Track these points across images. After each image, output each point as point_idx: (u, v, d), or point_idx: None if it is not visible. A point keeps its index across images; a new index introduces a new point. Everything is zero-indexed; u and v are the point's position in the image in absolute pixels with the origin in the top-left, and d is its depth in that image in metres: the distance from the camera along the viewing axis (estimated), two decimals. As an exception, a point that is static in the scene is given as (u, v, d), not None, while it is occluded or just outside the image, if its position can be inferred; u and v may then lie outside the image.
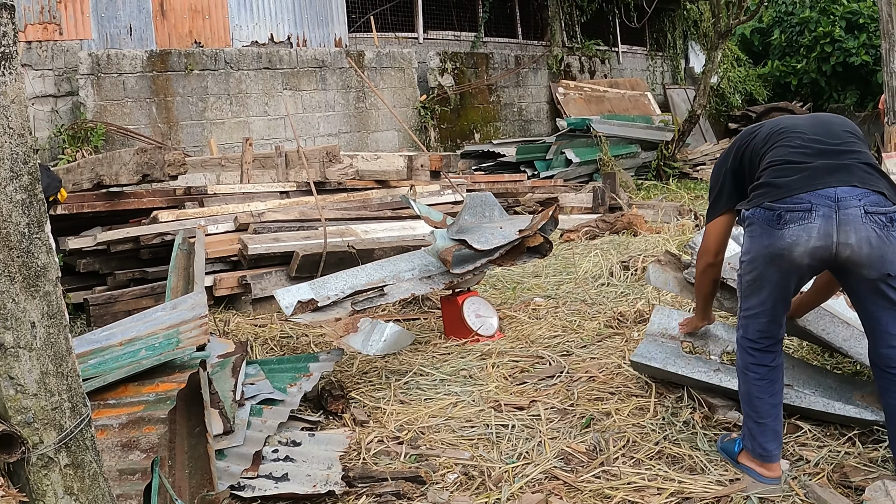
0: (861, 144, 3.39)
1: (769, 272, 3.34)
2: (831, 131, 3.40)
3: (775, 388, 3.51)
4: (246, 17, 12.71)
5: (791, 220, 3.20)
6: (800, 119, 3.57)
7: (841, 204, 3.14)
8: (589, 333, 5.64)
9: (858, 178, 3.20)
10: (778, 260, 3.28)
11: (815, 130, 3.41)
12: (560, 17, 18.60)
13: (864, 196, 3.15)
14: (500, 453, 3.90)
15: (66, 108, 10.70)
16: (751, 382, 3.51)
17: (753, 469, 3.50)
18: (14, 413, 2.22)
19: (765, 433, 3.48)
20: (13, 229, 2.15)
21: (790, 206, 3.21)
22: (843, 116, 3.62)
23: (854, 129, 3.46)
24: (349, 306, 5.10)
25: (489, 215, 6.07)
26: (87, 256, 7.22)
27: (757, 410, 3.50)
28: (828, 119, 3.53)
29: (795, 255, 3.22)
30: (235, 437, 3.78)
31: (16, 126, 2.13)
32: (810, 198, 3.18)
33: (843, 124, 3.48)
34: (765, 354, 3.48)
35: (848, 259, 3.19)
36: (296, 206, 8.21)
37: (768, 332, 3.48)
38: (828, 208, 3.15)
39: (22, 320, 2.19)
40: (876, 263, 3.17)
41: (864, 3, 21.73)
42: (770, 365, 3.48)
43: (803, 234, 3.18)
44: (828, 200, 3.16)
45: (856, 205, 3.14)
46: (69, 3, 10.81)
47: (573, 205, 11.41)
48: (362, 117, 13.85)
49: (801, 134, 3.41)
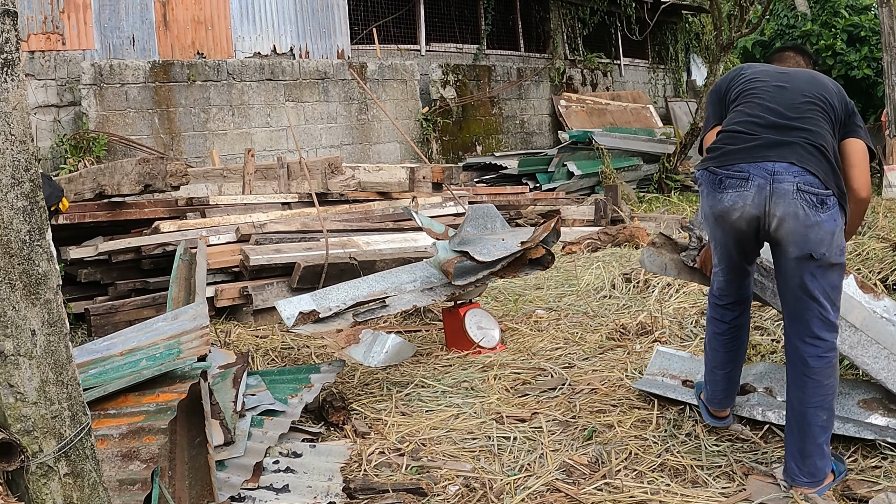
0: (817, 118, 3.47)
1: (716, 232, 3.59)
2: (792, 103, 3.51)
3: (733, 345, 3.80)
4: (248, 28, 12.73)
5: (729, 186, 3.40)
6: (774, 80, 3.65)
7: (776, 178, 3.32)
8: (591, 346, 5.63)
9: (797, 156, 3.35)
10: (720, 221, 3.50)
11: (776, 99, 3.54)
12: (562, 29, 18.64)
13: (800, 174, 3.31)
14: (501, 465, 3.88)
15: (68, 118, 10.71)
16: (711, 334, 3.83)
17: (706, 408, 3.99)
18: (14, 421, 2.20)
19: (716, 382, 3.88)
20: (14, 236, 2.15)
21: (731, 172, 3.41)
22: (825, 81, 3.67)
23: (818, 94, 3.54)
24: (351, 317, 5.09)
25: (491, 227, 6.06)
26: (88, 266, 7.21)
27: (712, 360, 3.85)
28: (800, 86, 3.59)
29: (734, 217, 3.42)
30: (236, 447, 3.76)
31: (17, 133, 2.12)
32: (749, 168, 3.37)
33: (810, 90, 3.56)
34: (725, 311, 3.76)
35: (777, 232, 3.36)
36: (298, 218, 8.20)
37: (727, 290, 3.72)
38: (763, 180, 3.33)
39: (22, 328, 2.18)
40: (800, 241, 3.31)
41: (866, 16, 21.77)
42: (729, 323, 3.76)
43: (739, 200, 3.37)
44: (765, 172, 3.34)
45: (790, 180, 3.30)
46: (72, 14, 10.83)
47: (575, 217, 11.40)
48: (364, 129, 13.86)
49: (762, 101, 3.55)
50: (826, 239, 3.31)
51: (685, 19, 23.15)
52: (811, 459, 3.40)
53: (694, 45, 23.65)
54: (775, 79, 3.65)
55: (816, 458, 3.40)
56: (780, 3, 22.99)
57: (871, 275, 5.67)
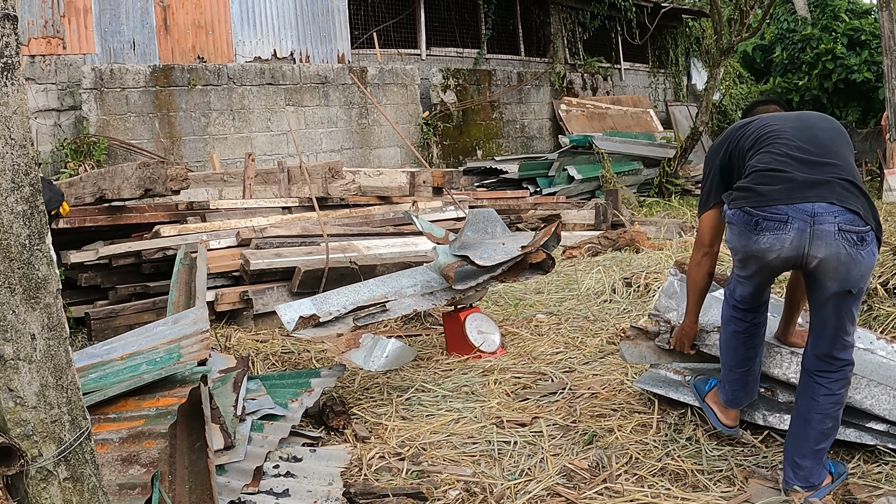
0: (844, 151, 3.49)
1: (749, 263, 3.50)
2: (816, 139, 3.49)
3: (753, 342, 3.71)
4: (249, 32, 12.74)
5: (767, 229, 3.33)
6: (788, 122, 3.63)
7: (817, 219, 3.24)
8: (591, 350, 5.62)
9: (837, 195, 3.28)
10: (754, 259, 3.45)
11: (800, 136, 3.50)
12: (562, 34, 18.65)
13: (840, 214, 3.24)
14: (502, 470, 3.88)
15: (68, 122, 10.72)
16: (730, 332, 3.73)
17: (714, 412, 3.82)
18: (13, 425, 2.20)
19: (734, 381, 3.76)
20: (14, 240, 2.14)
21: (768, 214, 3.33)
22: (828, 116, 3.72)
23: (839, 133, 3.57)
24: (351, 322, 5.08)
25: (491, 231, 6.06)
26: (88, 270, 7.21)
27: (732, 359, 3.74)
28: (814, 122, 3.62)
29: (769, 258, 3.38)
30: (236, 452, 3.76)
31: (17, 137, 2.12)
32: (788, 210, 3.29)
33: (829, 129, 3.58)
34: (747, 313, 3.68)
35: (816, 269, 3.31)
36: (298, 222, 8.20)
37: (751, 299, 3.64)
38: (803, 222, 3.26)
39: (22, 332, 2.18)
40: (840, 278, 3.28)
41: (866, 20, 21.81)
42: (751, 322, 3.68)
43: (776, 243, 3.31)
44: (805, 214, 3.26)
45: (831, 221, 3.23)
46: (73, 18, 10.84)
47: (575, 221, 11.40)
48: (365, 133, 13.86)
49: (787, 141, 3.49)
50: (865, 274, 3.32)
51: (685, 23, 23.16)
52: (807, 462, 3.42)
53: (694, 49, 23.67)
54: (789, 121, 3.64)
55: (813, 464, 3.42)
56: (781, 8, 23.04)
57: (873, 279, 5.67)
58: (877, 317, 5.33)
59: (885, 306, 5.40)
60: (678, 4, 22.43)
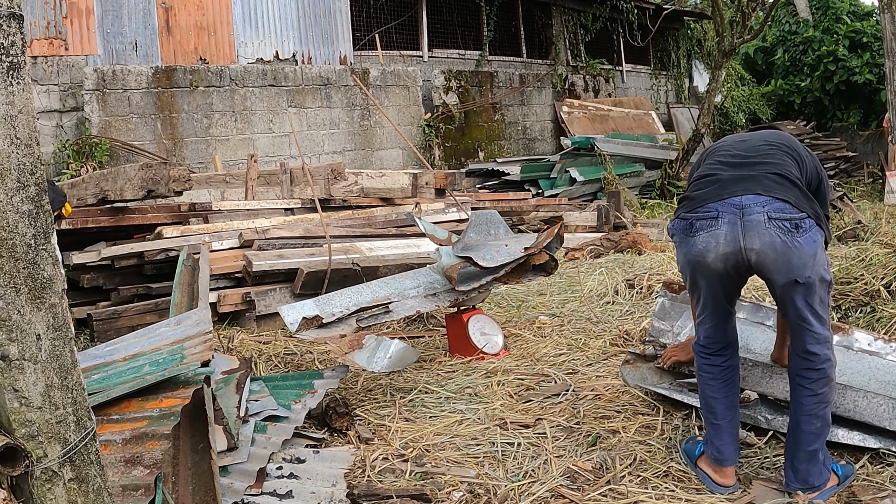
0: (780, 155, 3.53)
1: (696, 278, 3.55)
2: (752, 146, 3.61)
3: (729, 389, 3.65)
4: (251, 34, 12.74)
5: (700, 228, 3.42)
6: (737, 138, 3.80)
7: (745, 211, 3.31)
8: (594, 351, 5.62)
9: (763, 186, 3.36)
10: (697, 266, 3.48)
11: (738, 147, 3.64)
12: (564, 35, 18.65)
13: (768, 203, 3.30)
14: (505, 471, 3.87)
15: (70, 123, 10.71)
16: (705, 383, 3.67)
17: (708, 475, 3.63)
18: (18, 426, 2.19)
19: (721, 435, 3.61)
20: (19, 240, 2.14)
21: (700, 214, 3.43)
22: (782, 132, 3.80)
23: (781, 142, 3.63)
24: (354, 323, 5.08)
25: (494, 233, 6.05)
26: (91, 271, 7.21)
27: (713, 412, 3.64)
28: (758, 136, 3.73)
29: (710, 260, 3.40)
30: (239, 453, 3.75)
31: (23, 136, 2.12)
32: (717, 206, 3.38)
33: (769, 138, 3.67)
34: (715, 357, 3.65)
35: (758, 264, 3.34)
36: (300, 223, 8.19)
37: (714, 336, 3.64)
38: (733, 215, 3.33)
39: (27, 332, 2.17)
40: (783, 269, 3.31)
41: (868, 22, 21.81)
42: (721, 365, 3.64)
43: (711, 240, 3.38)
44: (733, 208, 3.34)
45: (759, 211, 3.29)
46: (75, 19, 10.84)
47: (578, 223, 11.39)
48: (367, 135, 13.86)
49: (725, 152, 3.63)
50: (808, 262, 3.30)
51: (687, 25, 23.16)
52: (803, 465, 3.43)
53: (696, 51, 23.66)
54: (737, 137, 3.80)
55: (809, 465, 3.42)
56: (782, 10, 23.04)
57: (875, 280, 5.67)
58: (880, 318, 5.34)
59: (888, 308, 5.40)
60: (680, 6, 22.44)
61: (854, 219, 9.74)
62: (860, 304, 5.59)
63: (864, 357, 3.99)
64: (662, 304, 4.62)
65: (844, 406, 3.81)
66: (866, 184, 17.12)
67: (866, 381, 3.83)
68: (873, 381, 3.82)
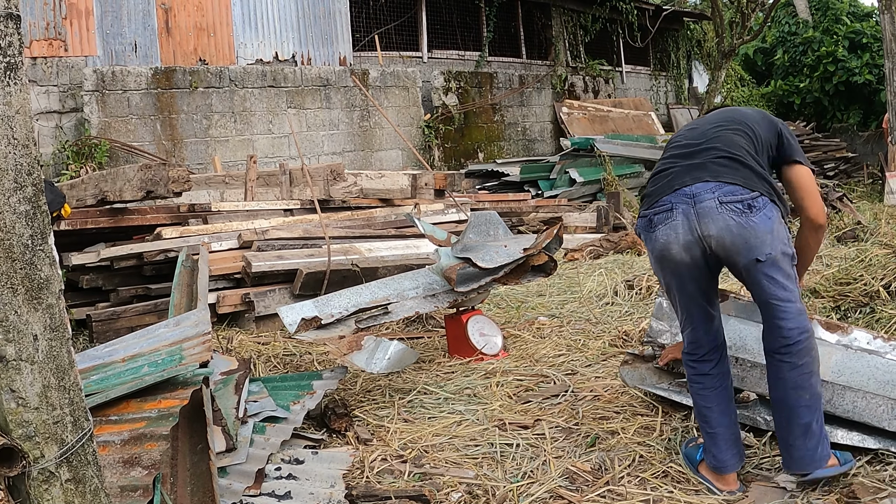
0: (727, 136, 3.56)
1: (666, 277, 3.60)
2: (701, 132, 3.64)
3: (722, 396, 3.61)
4: (251, 35, 12.74)
5: (659, 222, 3.48)
6: (686, 126, 3.84)
7: (696, 199, 3.37)
8: (593, 352, 5.61)
9: (710, 171, 3.41)
10: (664, 261, 3.53)
11: (688, 136, 3.68)
12: (564, 36, 18.65)
13: (717, 188, 3.36)
14: (504, 472, 3.87)
15: (70, 124, 10.72)
16: (696, 393, 3.66)
17: (711, 481, 3.60)
18: (15, 427, 2.19)
19: (717, 443, 3.57)
20: (16, 241, 2.13)
21: (657, 209, 3.50)
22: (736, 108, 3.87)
23: (730, 119, 3.66)
24: (353, 324, 5.08)
25: (494, 234, 6.05)
26: (90, 272, 7.21)
27: (707, 421, 3.61)
28: (708, 119, 3.76)
29: (674, 252, 3.45)
30: (238, 454, 3.75)
31: (20, 137, 2.11)
32: (670, 198, 3.45)
33: (718, 119, 3.70)
34: (702, 363, 3.64)
35: (718, 249, 3.38)
36: (300, 224, 8.20)
37: (697, 340, 3.63)
38: (686, 205, 3.39)
39: (24, 333, 2.17)
40: (742, 250, 3.34)
41: (867, 22, 21.80)
42: (710, 373, 3.62)
43: (671, 232, 3.43)
44: (684, 197, 3.40)
45: (710, 197, 3.35)
46: (75, 20, 10.84)
47: (577, 224, 11.39)
48: (366, 136, 13.86)
49: (676, 143, 3.69)
50: (766, 239, 3.33)
51: (687, 26, 23.17)
52: (799, 441, 3.40)
53: (696, 52, 23.68)
54: (688, 126, 3.83)
55: (805, 440, 3.40)
56: (782, 11, 23.04)
57: (875, 281, 5.67)
58: (879, 319, 5.33)
59: (887, 308, 5.39)
60: (679, 7, 22.45)
61: (854, 219, 9.74)
62: (860, 305, 5.58)
63: (863, 356, 3.97)
64: (660, 304, 4.62)
65: (843, 406, 3.81)
66: (866, 184, 17.11)
67: (865, 381, 3.82)
68: (872, 381, 3.81)
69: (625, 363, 4.69)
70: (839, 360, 3.89)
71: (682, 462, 3.82)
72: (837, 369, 3.87)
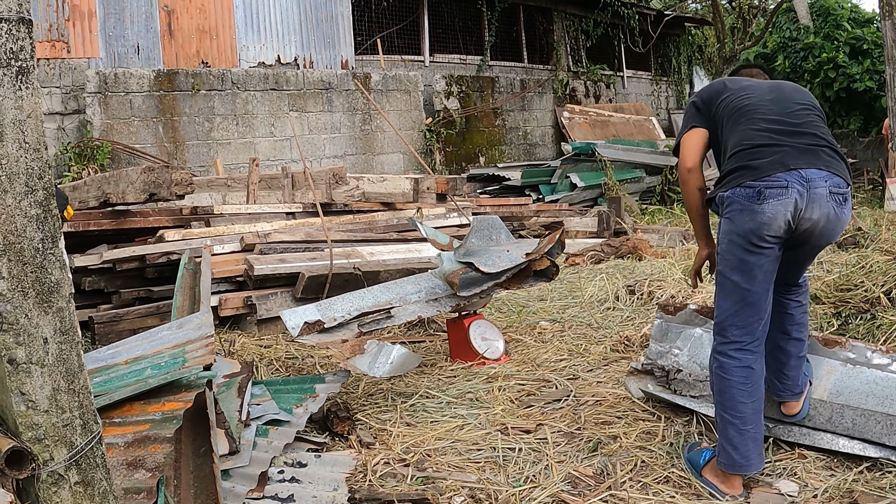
0: (819, 121, 3.71)
1: (744, 254, 3.53)
2: (790, 110, 3.68)
3: (761, 392, 3.60)
4: (253, 38, 12.76)
5: (770, 196, 3.45)
6: (764, 94, 3.79)
7: (811, 184, 3.45)
8: (595, 357, 5.62)
9: (824, 162, 3.52)
10: (756, 237, 3.48)
11: (777, 110, 3.68)
12: (566, 41, 18.67)
13: (829, 178, 3.48)
14: (506, 476, 3.87)
15: (72, 125, 10.73)
16: (735, 387, 3.55)
17: (715, 485, 3.59)
18: (25, 429, 2.20)
19: (746, 441, 3.53)
20: (27, 244, 2.15)
21: (769, 183, 3.46)
22: (801, 88, 3.95)
23: (812, 104, 3.78)
24: (356, 328, 5.08)
25: (496, 238, 6.06)
26: (92, 274, 7.22)
27: (741, 417, 3.54)
28: (789, 94, 3.80)
29: (774, 228, 3.46)
30: (241, 457, 3.76)
31: (31, 141, 2.13)
32: (786, 176, 3.45)
33: (800, 98, 3.79)
34: (747, 355, 3.57)
35: (808, 232, 3.52)
36: (302, 228, 8.21)
37: (748, 326, 3.57)
38: (802, 187, 3.44)
39: (35, 336, 2.18)
40: (828, 234, 3.57)
41: (868, 28, 21.83)
42: (753, 367, 3.57)
43: (781, 208, 3.43)
44: (801, 180, 3.45)
45: (823, 185, 3.46)
46: (77, 22, 10.86)
47: (578, 229, 11.41)
48: (368, 139, 13.88)
49: (764, 114, 3.67)
50: (845, 227, 3.65)
51: (688, 31, 23.19)
52: (793, 372, 3.83)
53: (697, 57, 23.70)
54: (766, 93, 3.79)
55: (798, 371, 3.83)
56: (783, 16, 23.07)
57: (875, 287, 5.67)
58: (880, 325, 5.33)
59: (888, 315, 5.40)
60: (681, 13, 22.46)
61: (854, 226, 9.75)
62: (860, 312, 5.58)
63: (862, 371, 3.96)
64: (660, 325, 4.60)
65: (843, 424, 3.81)
66: (866, 190, 17.15)
67: (864, 399, 3.81)
68: (871, 398, 3.80)
69: (630, 374, 4.70)
70: (838, 380, 3.90)
71: (684, 467, 3.83)
72: (836, 389, 3.87)
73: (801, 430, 3.91)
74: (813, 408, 3.88)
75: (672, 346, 4.47)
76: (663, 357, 4.48)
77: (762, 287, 3.54)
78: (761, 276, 3.53)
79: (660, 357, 4.50)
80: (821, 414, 3.87)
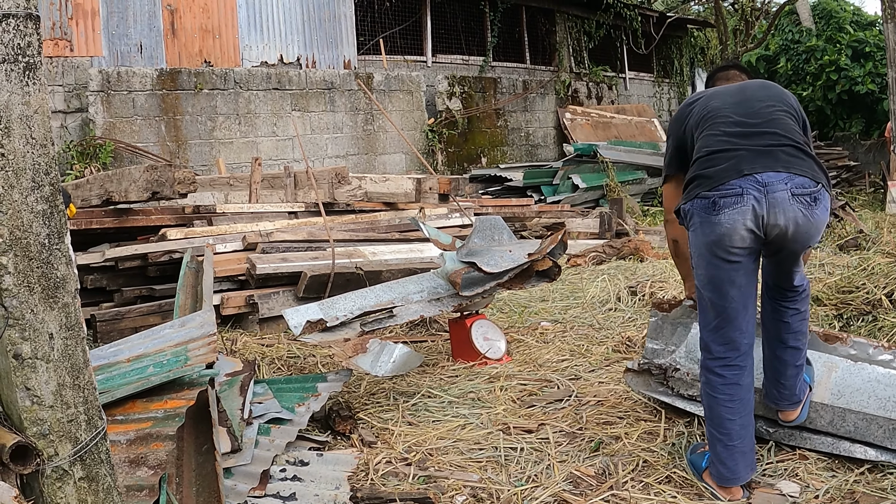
0: (783, 117, 3.54)
1: (713, 268, 3.46)
2: (753, 110, 3.56)
3: (748, 407, 3.56)
4: (256, 37, 12.76)
5: (725, 206, 3.35)
6: (728, 97, 3.70)
7: (769, 188, 3.31)
8: (597, 358, 5.62)
9: (783, 162, 3.37)
10: (718, 249, 3.40)
11: (738, 111, 3.58)
12: (568, 42, 18.67)
13: (790, 179, 3.32)
14: (508, 476, 3.88)
15: (75, 124, 10.74)
16: (721, 405, 3.52)
17: (715, 491, 3.57)
18: (30, 424, 2.21)
19: (734, 456, 3.51)
20: (33, 240, 2.15)
21: (723, 192, 3.36)
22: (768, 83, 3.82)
23: (778, 98, 3.64)
24: (358, 327, 5.08)
25: (498, 239, 6.06)
26: (94, 272, 7.22)
27: (728, 433, 3.51)
28: (752, 93, 3.68)
29: (736, 239, 3.36)
30: (243, 455, 3.76)
31: (38, 136, 2.13)
32: (740, 182, 3.33)
33: (766, 97, 3.64)
34: (733, 371, 3.52)
35: (778, 238, 3.38)
36: (304, 227, 8.21)
37: (732, 342, 3.51)
38: (758, 192, 3.31)
39: (40, 331, 2.19)
40: (802, 239, 3.39)
41: (871, 31, 21.83)
42: (740, 383, 3.52)
43: (739, 218, 3.32)
44: (756, 185, 3.32)
45: (783, 188, 3.31)
46: (81, 20, 10.87)
47: (580, 230, 11.41)
48: (370, 139, 13.88)
49: (725, 118, 3.57)
50: (821, 228, 3.44)
51: (690, 34, 23.20)
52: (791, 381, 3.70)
53: (699, 59, 23.70)
54: (730, 95, 3.71)
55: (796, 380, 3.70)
56: (786, 19, 23.07)
57: (877, 290, 5.68)
58: (882, 327, 5.34)
59: (889, 317, 5.40)
60: (683, 15, 22.46)
61: (856, 228, 9.76)
62: (862, 314, 5.59)
63: (864, 369, 3.95)
64: (655, 323, 4.56)
65: (845, 428, 3.80)
66: (868, 193, 17.15)
67: (865, 399, 3.80)
68: (873, 399, 3.79)
69: (629, 370, 4.68)
70: (839, 378, 3.88)
71: (685, 467, 3.83)
72: (837, 390, 3.85)
73: (803, 435, 3.90)
74: (814, 410, 3.84)
75: (668, 344, 4.46)
76: (659, 355, 4.45)
77: (738, 302, 3.47)
78: (734, 290, 3.45)
79: (655, 356, 4.46)
80: (822, 417, 3.86)
